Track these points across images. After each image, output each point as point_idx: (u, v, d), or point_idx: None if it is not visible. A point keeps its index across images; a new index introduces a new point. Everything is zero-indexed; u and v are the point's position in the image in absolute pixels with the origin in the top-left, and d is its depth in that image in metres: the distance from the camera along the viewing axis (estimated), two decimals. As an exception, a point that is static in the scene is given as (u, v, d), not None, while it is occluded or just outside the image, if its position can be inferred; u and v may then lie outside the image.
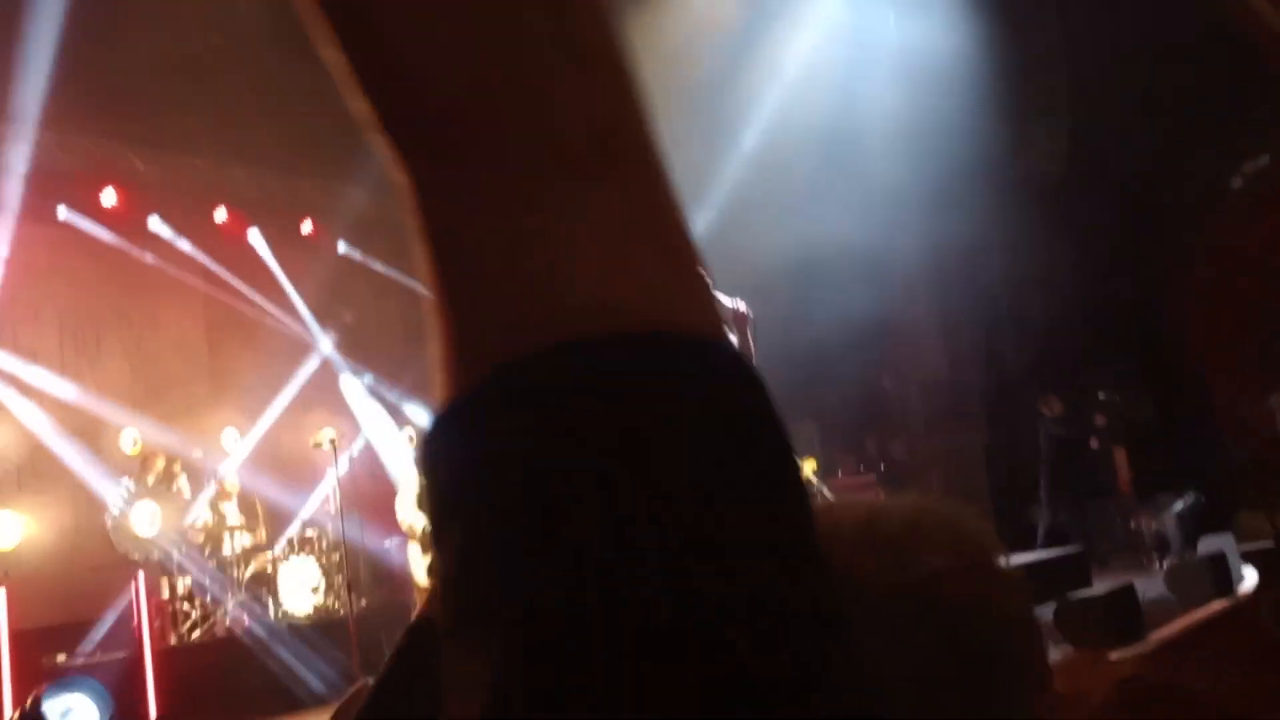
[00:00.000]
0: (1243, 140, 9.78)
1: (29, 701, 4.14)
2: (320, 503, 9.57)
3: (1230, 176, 9.73)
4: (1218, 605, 6.44)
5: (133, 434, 9.13)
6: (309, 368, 10.84)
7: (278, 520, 9.30)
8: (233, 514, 8.52)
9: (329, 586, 7.86)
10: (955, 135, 9.71)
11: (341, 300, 11.17)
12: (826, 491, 9.12)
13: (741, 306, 5.41)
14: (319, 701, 7.13)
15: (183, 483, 8.31)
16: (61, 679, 4.44)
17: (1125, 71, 9.77)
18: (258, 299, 10.88)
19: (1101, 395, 10.54)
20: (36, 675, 6.35)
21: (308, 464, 9.54)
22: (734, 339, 4.91)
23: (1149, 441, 10.82)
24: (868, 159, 10.46)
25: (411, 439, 11.06)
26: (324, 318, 11.21)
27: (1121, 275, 10.56)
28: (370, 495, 9.48)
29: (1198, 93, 9.66)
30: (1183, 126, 9.80)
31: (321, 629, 7.54)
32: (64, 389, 9.33)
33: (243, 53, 9.31)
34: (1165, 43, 9.35)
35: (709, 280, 0.36)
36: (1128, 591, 6.47)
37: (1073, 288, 10.54)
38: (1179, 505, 9.59)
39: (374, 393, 10.97)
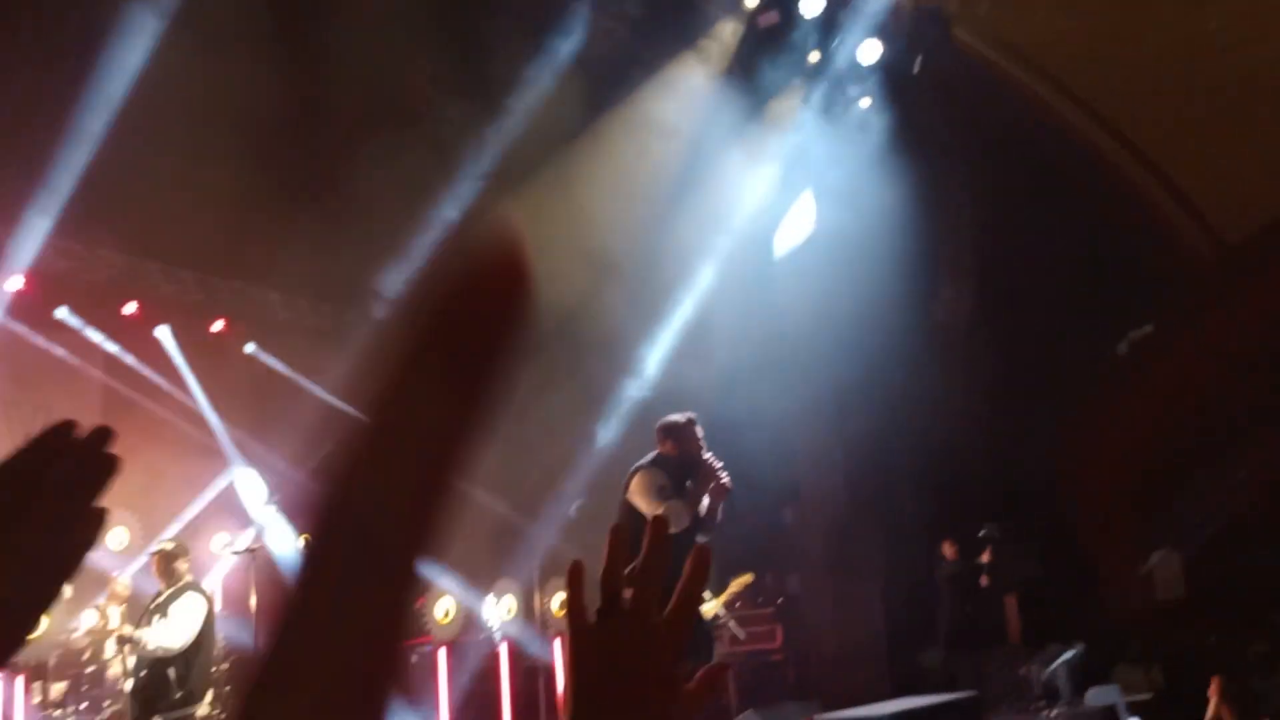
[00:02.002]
0: (1129, 308, 10.54)
1: None
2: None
3: (1117, 342, 10.45)
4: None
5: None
6: (213, 470, 10.53)
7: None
8: (118, 618, 8.10)
9: (216, 697, 7.48)
10: (867, 296, 10.25)
11: (245, 400, 10.95)
12: (734, 623, 9.17)
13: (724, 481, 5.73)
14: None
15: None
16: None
17: (1026, 239, 10.49)
18: (161, 394, 10.61)
19: (983, 532, 10.93)
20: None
21: (200, 567, 9.17)
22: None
23: (1038, 593, 11.19)
24: (783, 311, 10.93)
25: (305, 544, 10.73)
26: (228, 417, 10.96)
27: (1016, 433, 11.08)
28: (264, 602, 9.12)
29: (1090, 260, 10.41)
30: (1075, 292, 10.51)
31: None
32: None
33: (162, 151, 9.33)
34: (1061, 216, 10.11)
35: None
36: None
37: (971, 442, 11.01)
38: (1068, 655, 9.91)
39: (271, 496, 10.69)
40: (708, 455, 5.74)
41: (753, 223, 11.30)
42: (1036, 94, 10.26)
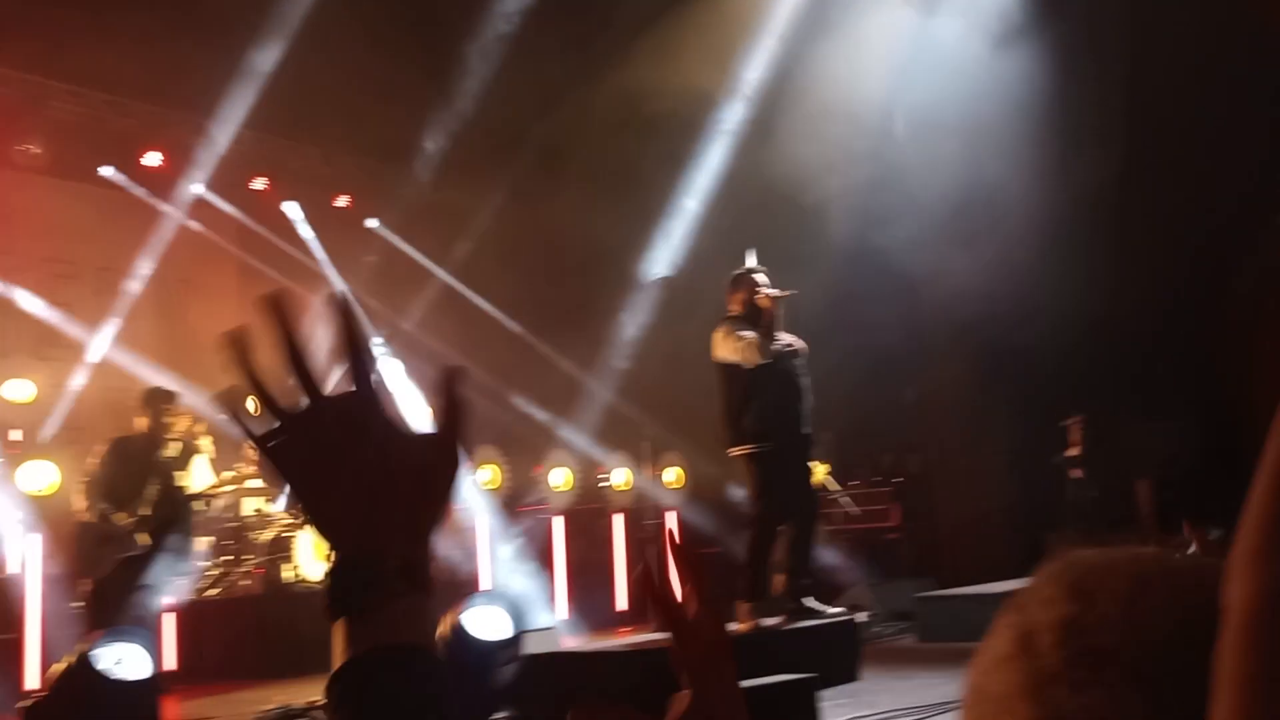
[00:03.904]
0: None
1: (81, 650, 4.15)
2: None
3: (1276, 213, 9.66)
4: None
5: (159, 392, 9.16)
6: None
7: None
8: (254, 480, 8.55)
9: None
10: (1003, 162, 9.68)
11: (368, 271, 11.26)
12: (847, 498, 9.09)
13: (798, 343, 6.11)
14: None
15: (205, 444, 8.33)
16: (114, 629, 4.43)
17: (1182, 102, 9.71)
18: (291, 266, 10.98)
19: (1066, 423, 10.36)
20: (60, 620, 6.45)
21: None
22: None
23: (1174, 473, 10.71)
24: (913, 178, 10.45)
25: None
26: (353, 288, 11.29)
27: (1163, 308, 10.47)
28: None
29: (1251, 125, 9.59)
30: (1236, 159, 9.72)
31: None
32: (96, 343, 9.43)
33: (289, 33, 9.44)
34: (1220, 71, 9.30)
35: None
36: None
37: (1111, 317, 10.45)
38: (1208, 537, 9.51)
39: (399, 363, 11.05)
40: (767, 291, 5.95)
41: (884, 76, 10.73)
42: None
